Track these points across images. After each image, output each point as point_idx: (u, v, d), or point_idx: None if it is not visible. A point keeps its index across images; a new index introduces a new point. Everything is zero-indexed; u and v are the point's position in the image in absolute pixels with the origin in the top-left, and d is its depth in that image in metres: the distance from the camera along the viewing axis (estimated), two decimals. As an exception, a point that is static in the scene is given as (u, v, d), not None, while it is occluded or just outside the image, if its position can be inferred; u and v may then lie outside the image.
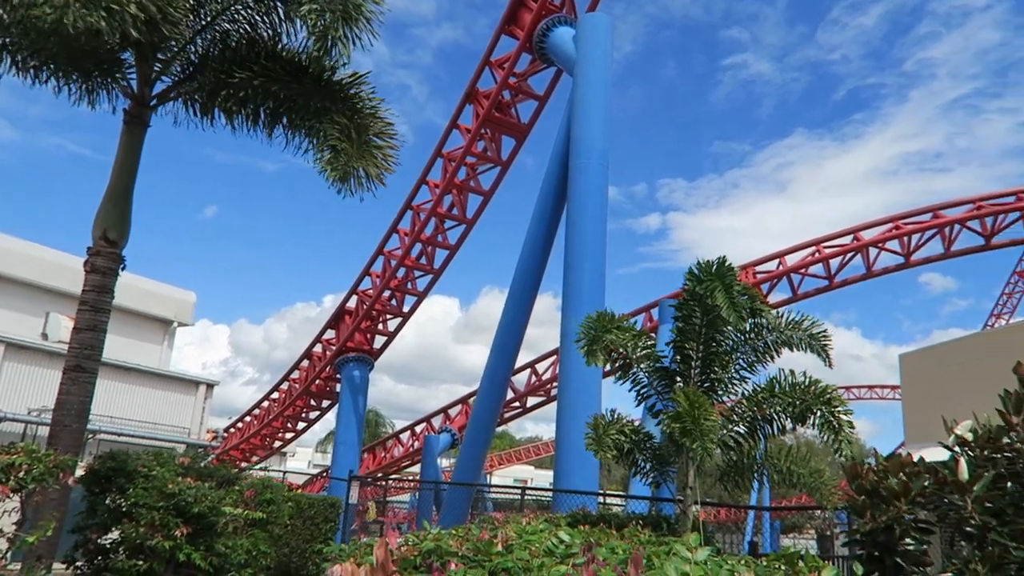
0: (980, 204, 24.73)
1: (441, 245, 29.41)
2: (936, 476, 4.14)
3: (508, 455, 66.88)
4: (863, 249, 25.20)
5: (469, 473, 24.41)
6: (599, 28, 19.14)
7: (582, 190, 18.08)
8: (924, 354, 20.28)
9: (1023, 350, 15.41)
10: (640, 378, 9.97)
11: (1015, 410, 4.24)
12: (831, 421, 8.78)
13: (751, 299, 8.96)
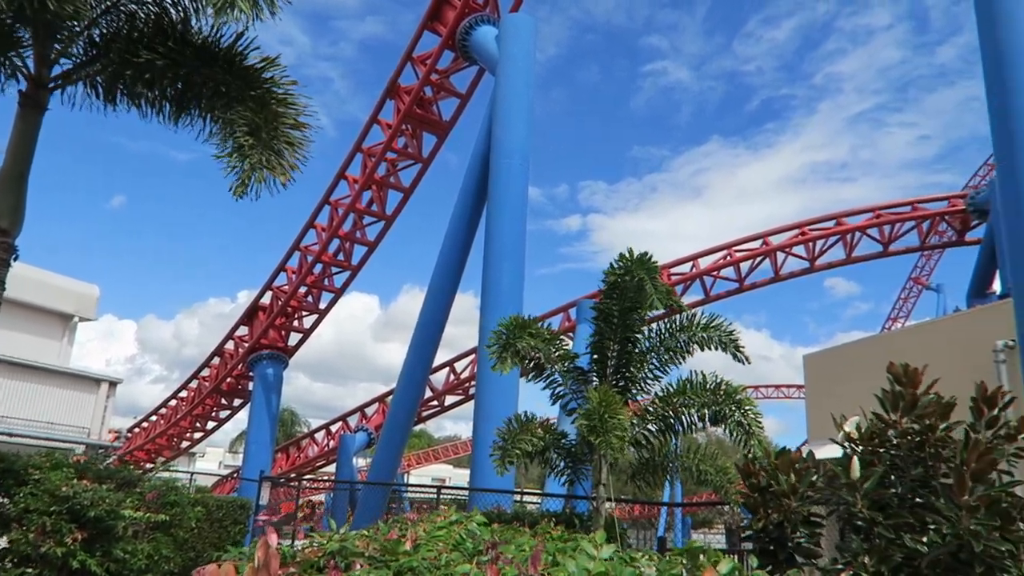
0: (879, 213, 26.11)
1: (359, 241, 28.96)
2: (827, 472, 4.34)
3: (426, 454, 66.45)
4: (771, 253, 26.24)
5: (385, 472, 24.14)
6: (522, 29, 19.22)
7: (502, 189, 18.13)
8: (826, 355, 21.25)
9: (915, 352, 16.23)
10: (555, 378, 10.07)
11: (892, 408, 4.48)
12: (742, 421, 9.06)
13: (669, 290, 9.17)
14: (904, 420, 4.45)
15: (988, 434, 4.35)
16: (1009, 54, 9.93)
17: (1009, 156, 9.90)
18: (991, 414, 4.38)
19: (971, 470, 3.79)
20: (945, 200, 25.94)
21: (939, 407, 4.44)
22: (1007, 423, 4.33)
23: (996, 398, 4.46)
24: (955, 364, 14.59)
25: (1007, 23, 9.97)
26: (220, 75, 9.05)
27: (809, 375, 21.35)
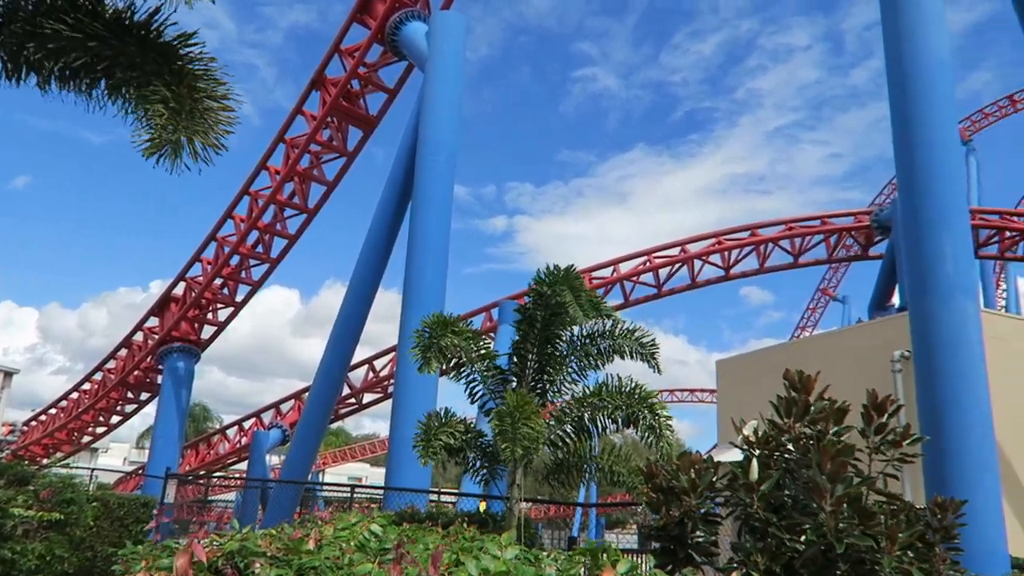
0: (791, 225, 27.21)
1: (279, 234, 28.28)
2: (728, 474, 4.52)
3: (343, 452, 65.47)
4: (689, 261, 26.97)
5: (299, 471, 23.67)
6: (452, 26, 19.19)
7: (428, 187, 18.05)
8: (737, 361, 22.03)
9: (820, 359, 17.01)
10: (475, 377, 10.10)
11: (786, 413, 4.71)
12: (653, 424, 9.32)
13: (596, 302, 9.34)
14: (797, 425, 4.68)
15: (876, 439, 4.63)
16: (911, 81, 10.51)
17: (909, 178, 10.48)
18: (879, 421, 4.66)
19: (826, 471, 4.02)
20: (852, 216, 27.24)
21: (831, 413, 4.69)
22: (894, 429, 4.62)
23: (885, 405, 4.74)
24: (856, 372, 15.36)
25: (910, 53, 10.56)
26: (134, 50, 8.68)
27: (721, 380, 22.11)
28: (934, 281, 10.05)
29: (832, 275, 51.14)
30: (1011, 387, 14.36)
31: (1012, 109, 44.94)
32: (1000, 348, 14.02)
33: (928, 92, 10.35)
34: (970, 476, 9.50)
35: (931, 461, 9.84)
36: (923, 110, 10.34)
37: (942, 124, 10.35)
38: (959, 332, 9.92)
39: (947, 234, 10.07)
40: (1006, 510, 13.21)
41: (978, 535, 9.26)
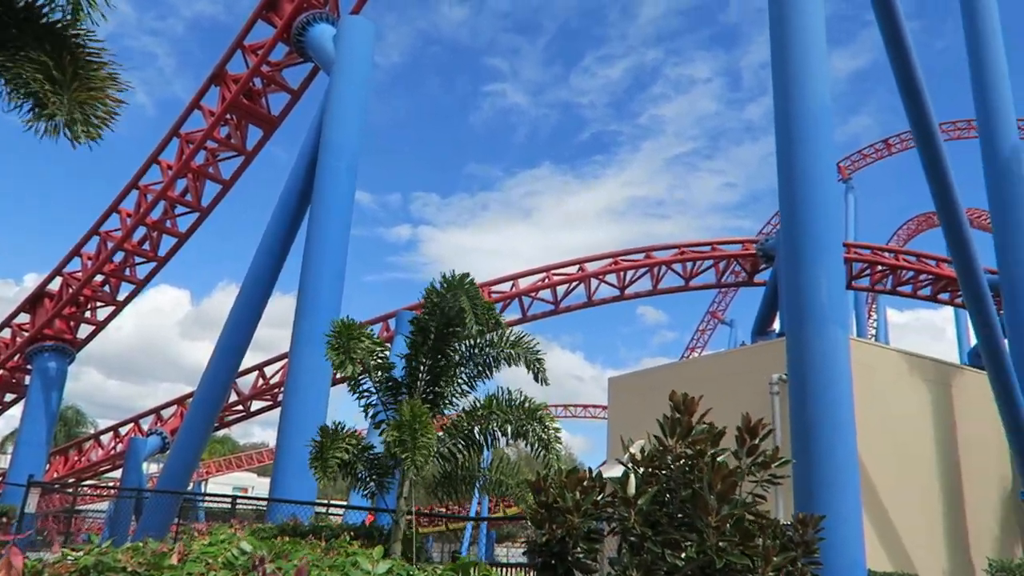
0: (683, 250, 28.33)
1: (169, 231, 27.05)
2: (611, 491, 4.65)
3: (228, 461, 62.91)
4: (586, 279, 27.60)
5: (178, 480, 22.57)
6: (361, 31, 18.99)
7: (328, 191, 17.73)
8: (628, 379, 22.59)
9: (706, 379, 17.70)
10: (368, 388, 9.95)
11: (670, 433, 4.90)
12: (542, 437, 9.44)
13: (489, 305, 9.39)
14: (679, 445, 4.86)
15: (748, 461, 4.87)
16: (795, 122, 11.18)
17: (790, 211, 11.11)
18: (751, 443, 4.90)
19: (716, 491, 4.21)
20: (740, 244, 28.63)
21: (710, 434, 4.90)
22: (764, 451, 4.87)
23: (757, 428, 5.00)
24: (739, 392, 16.05)
25: (795, 96, 11.23)
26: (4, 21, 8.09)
27: (612, 397, 22.63)
28: (809, 309, 10.67)
29: (721, 299, 53.38)
30: (874, 411, 15.38)
31: (887, 152, 48.38)
32: (866, 374, 15.01)
33: (810, 133, 11.03)
34: (834, 493, 10.09)
35: (800, 479, 10.39)
36: (805, 149, 11.00)
37: (821, 163, 11.04)
38: (829, 358, 10.55)
39: (822, 266, 10.71)
40: (866, 526, 14.11)
41: (839, 549, 9.85)
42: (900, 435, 16.18)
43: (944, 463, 16.90)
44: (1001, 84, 17.68)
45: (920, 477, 16.37)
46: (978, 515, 17.05)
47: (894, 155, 47.73)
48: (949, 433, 17.24)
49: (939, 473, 16.75)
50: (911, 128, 15.30)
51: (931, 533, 16.13)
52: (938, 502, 16.53)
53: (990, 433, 16.62)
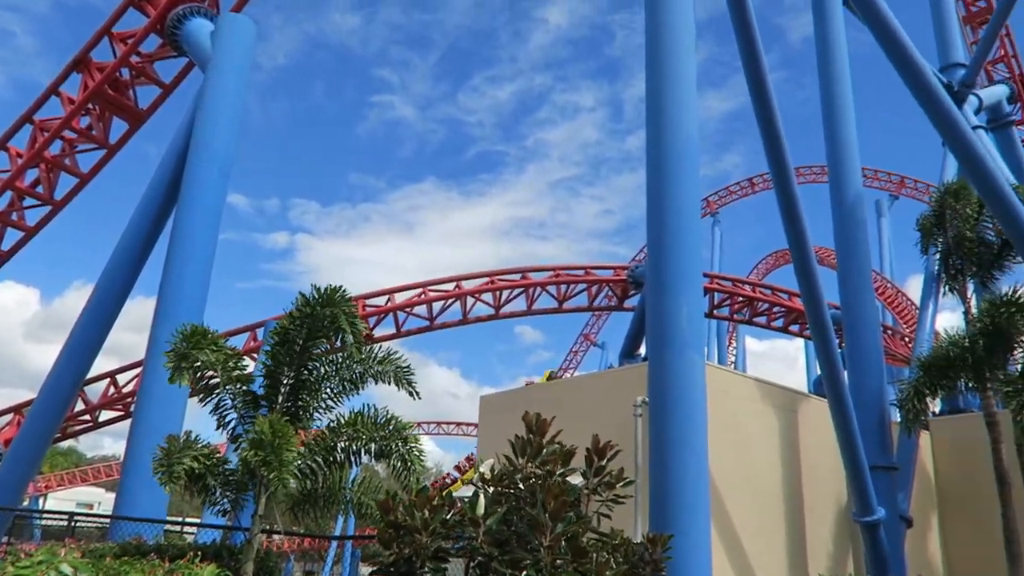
0: (558, 273, 29.01)
1: (15, 225, 24.93)
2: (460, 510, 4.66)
3: (72, 475, 58.31)
4: (463, 297, 27.68)
5: (9, 495, 20.69)
6: (241, 30, 18.36)
7: (197, 191, 16.96)
8: (499, 397, 22.74)
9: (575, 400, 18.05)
10: (224, 401, 9.53)
11: (520, 453, 4.99)
12: (405, 456, 9.34)
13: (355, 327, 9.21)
14: (530, 465, 4.96)
15: (594, 481, 5.02)
16: (665, 156, 11.72)
17: (657, 241, 11.61)
18: (599, 463, 5.06)
19: (550, 511, 4.32)
20: (612, 270, 29.65)
21: (560, 455, 5.03)
22: (610, 472, 5.04)
23: (605, 450, 5.17)
24: (606, 413, 16.50)
25: (666, 132, 11.79)
26: None
27: (483, 415, 22.68)
28: (670, 335, 11.16)
29: (595, 322, 54.86)
30: (727, 434, 16.23)
31: (751, 190, 51.51)
32: (721, 399, 15.82)
33: (678, 167, 11.60)
34: (686, 513, 10.54)
35: (655, 499, 10.80)
36: (672, 183, 11.56)
37: (687, 197, 11.63)
38: (687, 382, 11.06)
39: (683, 294, 11.25)
40: (715, 544, 14.80)
41: (688, 568, 10.30)
42: (749, 457, 17.13)
43: (788, 484, 18.02)
44: (849, 136, 19.28)
45: (766, 497, 17.36)
46: (816, 533, 18.26)
47: (757, 193, 50.85)
48: (793, 456, 18.42)
49: (783, 493, 17.83)
50: (769, 170, 16.35)
51: (774, 550, 17.12)
52: (781, 520, 17.58)
53: (829, 457, 17.88)
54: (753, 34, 15.32)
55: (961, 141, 13.81)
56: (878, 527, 16.28)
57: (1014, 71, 29.91)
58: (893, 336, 33.61)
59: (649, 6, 12.55)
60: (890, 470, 17.09)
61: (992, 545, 17.42)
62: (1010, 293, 16.95)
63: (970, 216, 18.22)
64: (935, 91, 13.80)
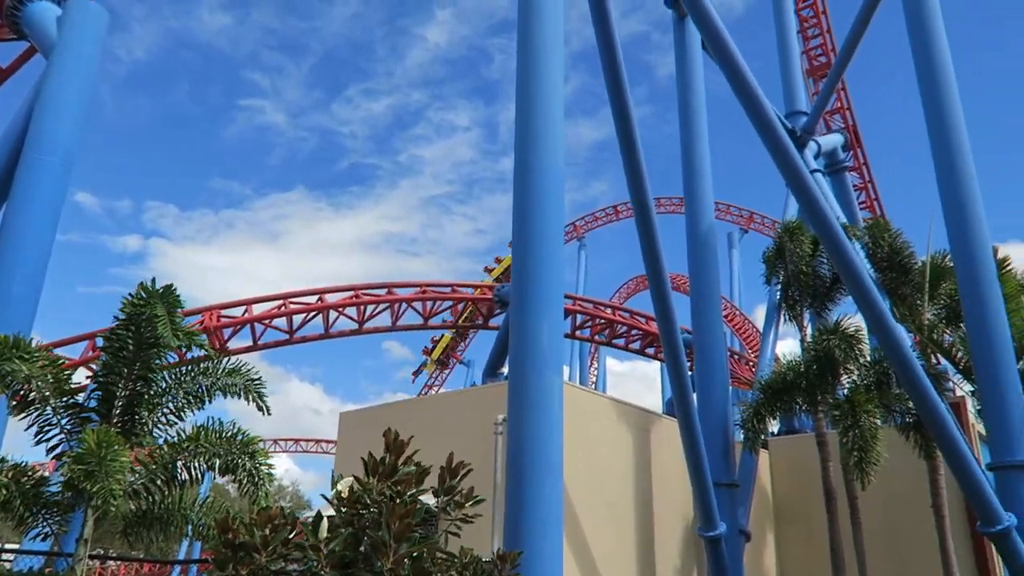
0: (425, 289, 28.88)
1: None
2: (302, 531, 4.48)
3: None
4: (325, 310, 26.92)
5: None
6: (92, 18, 17.16)
7: (32, 187, 15.59)
8: (359, 414, 22.26)
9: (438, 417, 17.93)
10: (47, 415, 8.73)
11: (372, 473, 4.87)
12: (253, 473, 8.91)
13: (188, 331, 8.71)
14: (380, 485, 4.84)
15: (445, 499, 4.98)
16: (531, 180, 11.97)
17: (521, 262, 11.79)
18: (450, 482, 5.03)
19: (394, 532, 4.25)
20: (478, 288, 29.84)
21: (414, 475, 4.94)
22: (460, 491, 5.01)
23: (458, 469, 5.14)
24: (468, 431, 16.51)
25: (533, 156, 12.05)
26: None
27: (342, 432, 22.11)
28: (530, 354, 11.33)
29: (461, 340, 54.95)
30: (584, 452, 16.65)
31: (616, 216, 53.55)
32: (579, 418, 16.23)
33: (543, 191, 11.87)
34: (539, 530, 10.67)
35: (510, 515, 10.86)
36: (537, 206, 11.81)
37: (551, 220, 11.90)
38: (545, 401, 11.24)
39: (545, 315, 11.46)
40: (568, 559, 15.07)
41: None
42: (604, 474, 17.65)
43: (640, 500, 18.70)
44: (704, 171, 20.49)
45: (619, 513, 17.93)
46: (664, 547, 19.03)
47: (622, 220, 52.88)
48: (645, 473, 19.14)
49: (635, 509, 18.48)
50: (631, 198, 17.09)
51: (625, 564, 17.68)
52: (632, 535, 18.21)
53: (677, 474, 18.72)
54: (619, 68, 16.02)
55: (800, 183, 14.94)
56: (720, 541, 17.17)
57: (848, 122, 32.90)
58: (739, 361, 35.80)
59: (521, 33, 12.83)
60: (732, 487, 18.10)
61: (820, 556, 18.79)
62: (835, 324, 18.50)
63: (806, 252, 19.77)
64: (779, 135, 14.89)
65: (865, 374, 18.21)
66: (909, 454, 18.08)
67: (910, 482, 19.47)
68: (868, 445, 16.21)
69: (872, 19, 22.24)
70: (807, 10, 33.43)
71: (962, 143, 17.03)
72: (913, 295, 18.85)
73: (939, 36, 17.89)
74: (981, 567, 19.67)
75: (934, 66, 17.63)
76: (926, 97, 17.61)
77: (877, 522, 19.95)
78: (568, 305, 30.53)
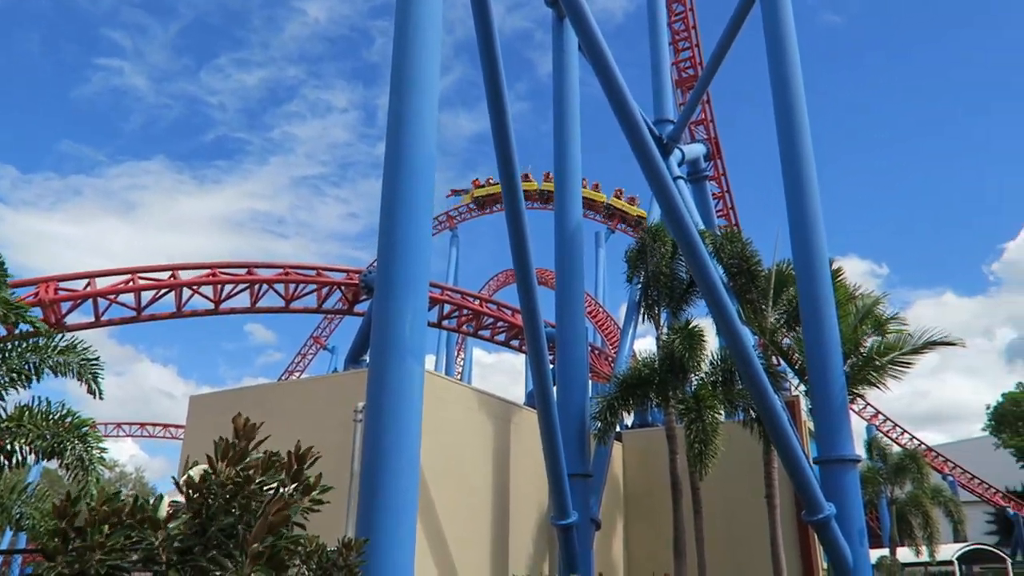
0: (288, 271, 27.84)
1: None
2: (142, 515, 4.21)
3: None
4: (178, 288, 25.38)
5: None
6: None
7: None
8: (211, 398, 21.26)
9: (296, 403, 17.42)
10: None
11: (222, 456, 4.66)
12: (83, 456, 8.31)
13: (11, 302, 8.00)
14: (229, 471, 4.63)
15: (292, 487, 4.84)
16: (401, 166, 11.82)
17: (387, 248, 11.65)
18: (297, 469, 4.89)
19: (246, 519, 4.11)
20: (344, 272, 29.13)
21: (264, 461, 4.76)
22: (308, 479, 4.89)
23: (306, 456, 5.00)
24: (327, 418, 16.14)
25: (405, 142, 11.92)
26: None
27: (192, 416, 21.04)
28: (392, 341, 11.21)
29: (327, 325, 53.70)
30: (443, 440, 16.70)
31: (489, 210, 53.93)
32: (439, 407, 16.26)
33: (413, 177, 11.76)
34: (392, 518, 10.61)
35: (364, 503, 10.74)
36: (407, 192, 11.70)
37: (419, 207, 11.81)
38: (405, 389, 11.17)
39: (409, 302, 11.37)
40: (423, 547, 15.09)
41: (389, 572, 10.37)
42: (463, 464, 17.79)
43: (497, 490, 18.98)
44: (575, 169, 21.05)
45: (476, 502, 18.13)
46: (519, 535, 19.43)
47: (495, 213, 53.32)
48: (504, 463, 19.46)
49: (492, 498, 18.75)
50: (502, 193, 17.25)
51: (479, 552, 17.90)
52: (488, 523, 18.47)
53: (535, 464, 19.15)
54: (497, 61, 16.10)
55: (663, 188, 15.61)
56: (572, 529, 17.73)
57: (710, 134, 34.75)
58: (600, 356, 37.07)
59: (399, 18, 12.64)
60: (586, 477, 18.73)
61: (664, 542, 19.81)
62: (684, 324, 19.56)
63: (666, 254, 20.73)
64: (647, 141, 15.48)
65: (712, 372, 19.35)
66: (748, 448, 19.41)
67: (747, 474, 20.91)
68: (709, 438, 17.26)
69: (736, 39, 23.58)
70: (679, 23, 34.94)
71: (809, 165, 18.45)
72: (759, 300, 20.18)
73: (795, 67, 19.27)
74: (804, 552, 21.45)
75: (789, 92, 18.98)
76: (780, 120, 18.93)
77: (717, 511, 21.26)
78: (436, 295, 30.43)
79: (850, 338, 18.11)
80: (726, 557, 21.18)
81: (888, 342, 18.27)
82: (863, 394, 20.15)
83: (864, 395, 22.03)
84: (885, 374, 18.03)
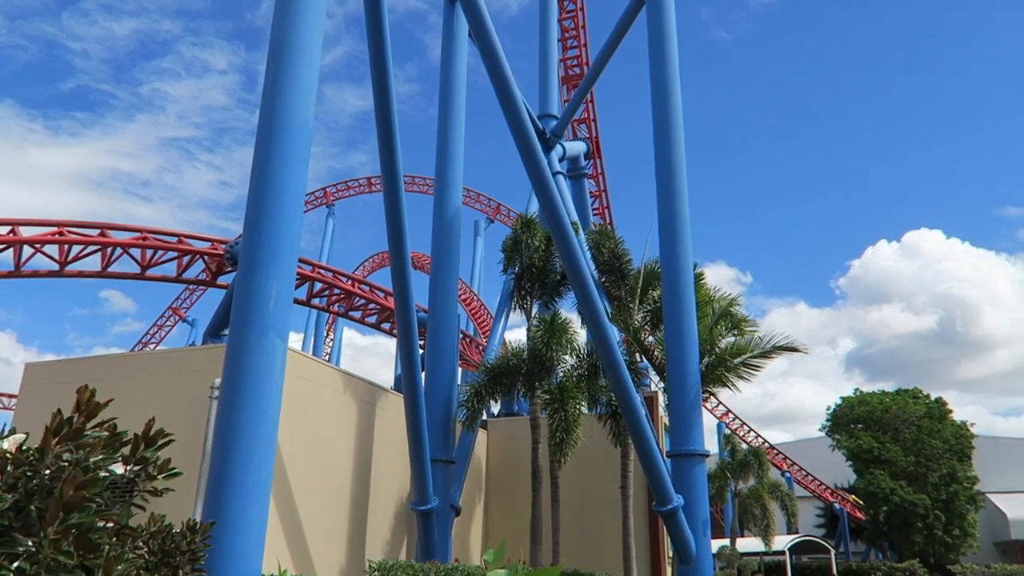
0: (146, 236, 25.99)
1: None
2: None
3: None
4: (17, 245, 23.23)
5: None
6: None
7: None
8: (49, 367, 19.72)
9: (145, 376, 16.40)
10: None
11: (55, 432, 4.28)
12: None
13: None
14: (59, 448, 4.26)
15: (135, 469, 4.52)
16: (276, 135, 11.34)
17: (254, 220, 11.13)
18: (143, 452, 4.57)
19: (64, 500, 3.81)
20: (209, 242, 27.59)
21: (105, 440, 4.41)
22: (153, 462, 4.58)
23: (156, 438, 4.68)
24: (181, 393, 15.31)
25: (280, 112, 11.41)
26: None
27: (26, 386, 19.42)
28: (255, 317, 10.74)
29: (188, 296, 51.06)
30: (305, 421, 16.26)
31: (369, 188, 52.89)
32: (301, 386, 15.81)
33: (286, 148, 11.28)
34: (242, 500, 10.19)
35: (213, 485, 10.25)
36: (279, 162, 11.19)
37: (292, 179, 11.34)
38: (265, 366, 10.73)
39: (275, 278, 10.91)
40: (278, 531, 14.64)
41: (238, 556, 9.97)
42: (325, 446, 17.38)
43: (358, 474, 18.69)
44: (457, 156, 20.94)
45: (336, 484, 17.77)
46: (378, 520, 19.23)
47: (375, 193, 52.37)
48: (367, 448, 19.18)
49: (352, 483, 18.44)
50: (382, 172, 16.93)
51: (336, 536, 17.57)
52: (347, 507, 18.15)
53: (398, 450, 19.00)
54: (384, 38, 15.74)
55: (542, 181, 15.83)
56: (431, 515, 17.75)
57: (592, 133, 35.55)
58: (471, 344, 37.22)
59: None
60: (448, 463, 18.78)
61: (523, 529, 20.21)
62: (551, 317, 20.00)
63: (540, 246, 21.06)
64: (529, 133, 15.63)
65: (579, 365, 19.88)
66: (607, 441, 20.09)
67: (604, 465, 21.67)
68: (571, 428, 17.73)
69: (621, 43, 24.22)
70: (568, 20, 35.46)
71: (680, 171, 19.26)
72: (626, 298, 20.90)
73: (674, 76, 20.04)
74: (652, 541, 22.49)
75: (667, 99, 19.73)
76: (656, 125, 19.66)
77: (574, 499, 21.92)
78: (307, 271, 29.52)
79: (707, 339, 19.08)
80: (580, 545, 21.88)
81: (740, 344, 19.41)
82: (715, 392, 21.33)
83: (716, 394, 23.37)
84: (736, 374, 19.14)
